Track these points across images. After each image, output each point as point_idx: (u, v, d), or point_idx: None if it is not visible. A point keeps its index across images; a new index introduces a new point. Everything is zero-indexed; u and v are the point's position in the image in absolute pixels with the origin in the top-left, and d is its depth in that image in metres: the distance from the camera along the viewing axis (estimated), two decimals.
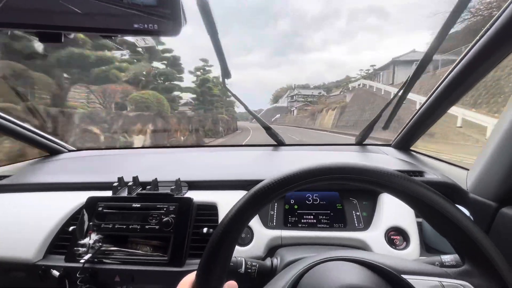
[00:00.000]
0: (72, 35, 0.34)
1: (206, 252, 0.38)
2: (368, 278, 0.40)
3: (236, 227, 0.39)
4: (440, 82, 0.79)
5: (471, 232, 0.37)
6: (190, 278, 0.40)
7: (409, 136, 1.05)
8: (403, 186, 0.38)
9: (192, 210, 0.75)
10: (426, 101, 0.87)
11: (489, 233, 0.65)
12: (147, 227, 0.73)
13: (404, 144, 1.09)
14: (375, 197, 0.83)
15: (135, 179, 0.87)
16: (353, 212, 0.83)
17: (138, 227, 0.73)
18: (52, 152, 1.37)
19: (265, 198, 0.39)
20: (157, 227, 0.73)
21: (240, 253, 0.71)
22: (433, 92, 0.81)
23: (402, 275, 0.39)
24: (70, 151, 1.44)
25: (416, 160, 1.00)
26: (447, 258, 0.51)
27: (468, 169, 0.85)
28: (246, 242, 0.74)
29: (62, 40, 0.34)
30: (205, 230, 0.74)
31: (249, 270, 0.58)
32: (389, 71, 22.03)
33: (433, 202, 0.38)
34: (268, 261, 0.62)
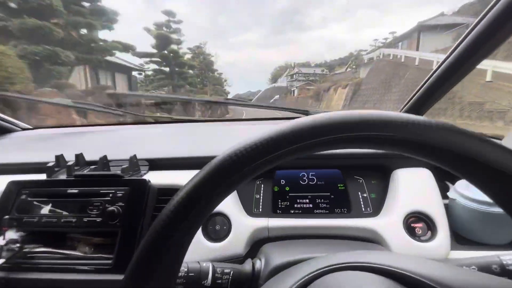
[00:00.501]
0: None
1: (137, 254, 0.23)
2: None
3: (188, 219, 0.23)
4: (465, 34, 0.59)
5: None
6: None
7: (421, 102, 0.86)
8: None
9: (148, 195, 0.56)
10: (446, 58, 0.68)
11: None
12: (85, 219, 0.54)
13: (416, 112, 0.91)
14: (387, 174, 0.65)
15: (79, 157, 0.66)
16: (359, 193, 0.66)
17: (74, 220, 0.54)
18: (1, 131, 1.13)
19: (234, 173, 0.22)
20: (99, 219, 0.53)
21: (211, 252, 0.53)
22: (456, 47, 0.62)
23: None
24: (24, 129, 1.21)
25: None
26: (509, 257, 0.34)
27: (500, 139, 0.68)
28: (221, 235, 0.56)
29: None
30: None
31: (220, 281, 0.40)
32: (412, 40, 17.24)
33: None
34: (247, 265, 0.44)
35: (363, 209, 0.64)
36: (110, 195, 0.56)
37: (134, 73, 14.27)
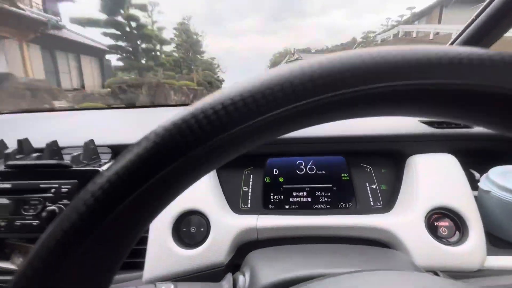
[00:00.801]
0: None
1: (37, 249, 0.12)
2: None
3: (113, 222, 0.12)
4: None
5: None
6: None
7: (480, 34, 0.56)
8: None
9: None
10: None
11: None
12: (18, 223, 0.41)
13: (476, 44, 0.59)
14: (401, 161, 0.54)
15: (23, 143, 0.53)
16: (367, 184, 0.55)
17: (3, 223, 0.41)
18: None
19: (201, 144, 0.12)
20: (35, 222, 0.41)
21: (184, 261, 0.42)
22: None
23: None
24: None
25: None
26: None
27: None
28: (197, 240, 0.44)
29: None
30: None
31: None
32: (431, 15, 15.17)
33: None
34: (226, 283, 0.33)
35: (372, 203, 0.53)
36: (53, 190, 0.43)
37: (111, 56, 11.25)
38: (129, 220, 0.12)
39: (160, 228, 0.43)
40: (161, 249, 0.41)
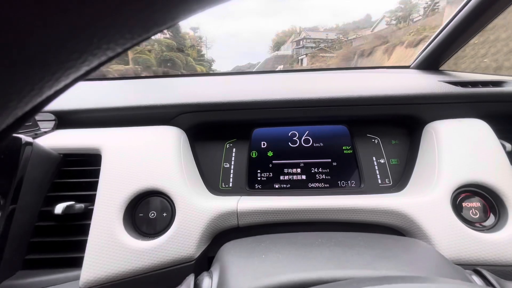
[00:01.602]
0: None
1: None
2: None
3: None
4: None
5: None
6: None
7: (437, 54, 0.63)
8: None
9: (27, 165, 0.33)
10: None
11: None
12: None
13: (431, 64, 0.67)
14: (417, 130, 0.44)
15: None
16: (374, 158, 0.45)
17: None
18: None
19: None
20: None
21: (141, 256, 0.32)
22: None
23: None
24: None
25: (458, 78, 0.59)
26: None
27: None
28: (158, 228, 0.34)
29: None
30: (60, 208, 0.33)
31: None
32: None
33: None
34: None
35: (380, 182, 0.43)
36: None
37: None
38: None
39: (106, 212, 0.33)
40: (107, 241, 0.31)
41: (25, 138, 0.34)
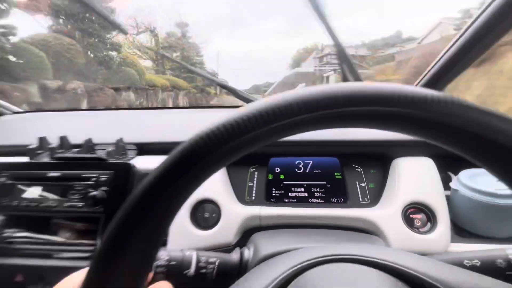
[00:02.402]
0: None
1: (103, 243, 0.19)
2: None
3: (159, 204, 0.19)
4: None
5: None
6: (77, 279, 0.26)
7: (438, 77, 0.71)
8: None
9: (132, 180, 0.53)
10: (468, 27, 0.61)
11: None
12: (66, 204, 0.51)
13: (434, 86, 0.82)
14: (387, 163, 0.62)
15: (63, 140, 0.63)
16: (357, 183, 0.63)
17: (54, 204, 0.51)
18: None
19: (211, 152, 0.19)
20: (80, 204, 0.51)
21: (199, 240, 0.51)
22: (479, 15, 0.57)
23: None
24: (15, 112, 1.17)
25: None
26: None
27: None
28: (210, 223, 0.53)
29: None
30: None
31: (204, 271, 0.37)
32: None
33: None
34: (235, 254, 0.42)
35: (361, 199, 0.61)
36: (93, 179, 0.52)
37: None
38: (178, 195, 0.20)
39: (180, 213, 0.53)
40: (181, 230, 0.50)
41: (131, 162, 0.54)
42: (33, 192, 0.53)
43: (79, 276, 0.28)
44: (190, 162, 0.18)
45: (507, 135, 0.16)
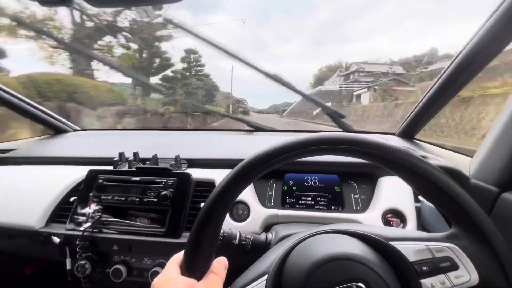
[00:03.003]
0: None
1: (194, 227, 0.37)
2: (356, 246, 0.40)
3: (224, 201, 0.37)
4: (450, 62, 0.76)
5: (458, 195, 0.36)
6: (179, 255, 0.40)
7: (413, 124, 1.03)
8: (403, 159, 0.38)
9: (190, 185, 0.76)
10: (433, 85, 0.84)
11: (490, 217, 0.64)
12: (145, 199, 0.74)
13: (408, 133, 1.07)
14: (375, 180, 0.82)
15: (136, 154, 0.88)
16: (352, 195, 0.82)
17: (137, 199, 0.75)
18: (57, 131, 1.40)
19: (251, 171, 0.37)
20: (155, 200, 0.74)
21: (236, 228, 0.72)
22: (441, 74, 0.79)
23: (389, 242, 0.39)
24: (75, 130, 1.47)
25: (420, 148, 0.98)
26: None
27: (471, 157, 0.83)
28: (242, 218, 0.75)
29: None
30: (202, 205, 0.75)
31: (243, 242, 0.59)
32: None
33: (429, 175, 0.37)
34: (262, 236, 0.62)
35: (354, 207, 0.80)
36: (163, 183, 0.76)
37: None
38: (233, 196, 0.40)
39: None
40: (224, 221, 0.72)
41: (189, 172, 0.78)
42: (121, 190, 0.77)
43: (180, 254, 0.40)
44: (242, 177, 0.38)
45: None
